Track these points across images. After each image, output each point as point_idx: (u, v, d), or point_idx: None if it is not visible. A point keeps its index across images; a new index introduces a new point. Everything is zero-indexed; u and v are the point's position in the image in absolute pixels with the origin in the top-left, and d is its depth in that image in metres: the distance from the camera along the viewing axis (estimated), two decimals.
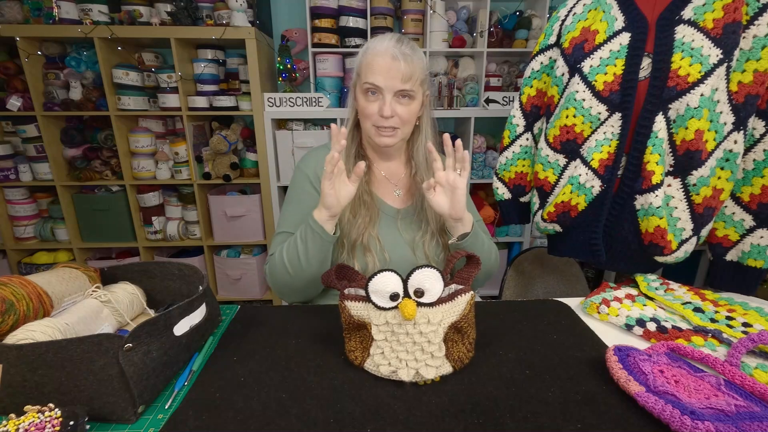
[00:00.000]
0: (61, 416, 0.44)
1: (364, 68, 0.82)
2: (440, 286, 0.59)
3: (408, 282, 0.58)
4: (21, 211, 2.02)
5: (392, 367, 0.57)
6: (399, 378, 0.57)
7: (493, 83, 2.09)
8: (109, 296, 0.64)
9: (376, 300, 0.59)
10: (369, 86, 0.81)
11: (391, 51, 0.78)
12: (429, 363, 0.57)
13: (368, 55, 0.81)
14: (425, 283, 0.58)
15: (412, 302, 0.57)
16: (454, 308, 0.59)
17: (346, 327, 0.62)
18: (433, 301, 0.59)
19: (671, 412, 0.47)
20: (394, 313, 0.58)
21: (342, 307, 0.61)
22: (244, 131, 2.09)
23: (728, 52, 0.74)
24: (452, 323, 0.58)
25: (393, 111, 0.81)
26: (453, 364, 0.59)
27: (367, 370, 0.60)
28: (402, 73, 0.79)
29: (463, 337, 0.61)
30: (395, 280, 0.58)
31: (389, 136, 0.85)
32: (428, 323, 0.57)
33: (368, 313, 0.59)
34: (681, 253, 0.86)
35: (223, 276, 2.16)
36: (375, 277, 0.58)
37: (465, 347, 0.60)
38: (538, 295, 1.34)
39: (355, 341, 0.62)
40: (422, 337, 0.57)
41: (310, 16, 1.89)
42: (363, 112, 0.84)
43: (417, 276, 0.58)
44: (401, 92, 0.81)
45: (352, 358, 0.61)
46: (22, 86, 1.86)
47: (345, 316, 0.61)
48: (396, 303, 0.58)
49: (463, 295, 0.59)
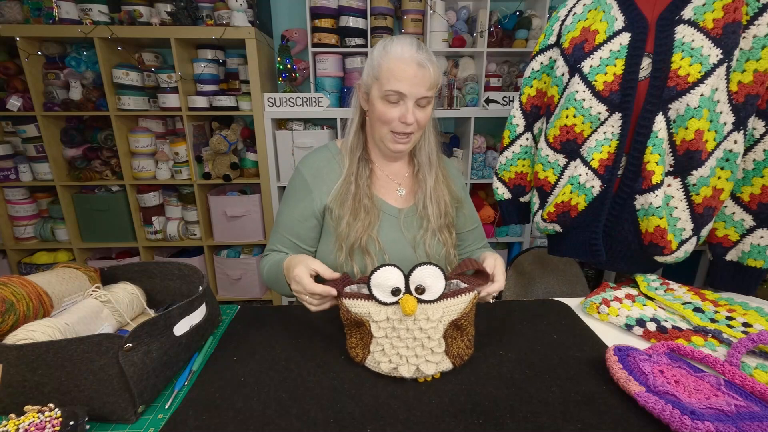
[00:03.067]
0: (61, 416, 0.44)
1: (385, 74, 0.79)
2: (441, 284, 0.59)
3: (410, 278, 0.58)
4: (21, 211, 2.02)
5: (393, 363, 0.57)
6: (400, 374, 0.57)
7: (493, 83, 2.09)
8: (109, 296, 0.64)
9: (378, 294, 0.59)
10: (392, 93, 0.79)
11: (417, 58, 0.77)
12: (429, 359, 0.57)
13: (390, 61, 0.78)
14: (427, 280, 0.58)
15: (413, 298, 0.57)
16: (456, 306, 0.59)
17: (345, 324, 0.63)
18: (434, 298, 0.59)
19: (671, 412, 0.47)
20: (395, 309, 0.58)
21: (340, 304, 0.62)
22: (244, 131, 2.09)
23: (728, 52, 0.74)
24: (452, 321, 0.58)
25: (414, 117, 0.80)
26: (453, 361, 0.59)
27: (368, 367, 0.60)
28: (429, 81, 0.79)
29: (462, 334, 0.61)
30: (397, 275, 0.59)
31: (404, 143, 0.84)
32: (428, 320, 0.57)
33: (368, 311, 0.59)
34: (681, 253, 0.86)
35: (223, 276, 2.16)
36: (378, 270, 0.59)
37: (464, 344, 0.61)
38: (538, 295, 1.34)
39: (356, 338, 0.62)
40: (422, 333, 0.58)
41: (310, 16, 1.89)
42: (382, 117, 0.82)
43: (419, 273, 0.58)
44: (423, 98, 0.80)
45: (353, 354, 0.62)
46: (22, 86, 1.86)
47: (343, 314, 0.61)
48: (397, 298, 0.58)
49: (467, 294, 0.59)
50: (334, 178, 0.87)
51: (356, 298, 0.61)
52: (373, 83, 0.83)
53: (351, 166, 0.87)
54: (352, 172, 0.86)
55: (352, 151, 0.88)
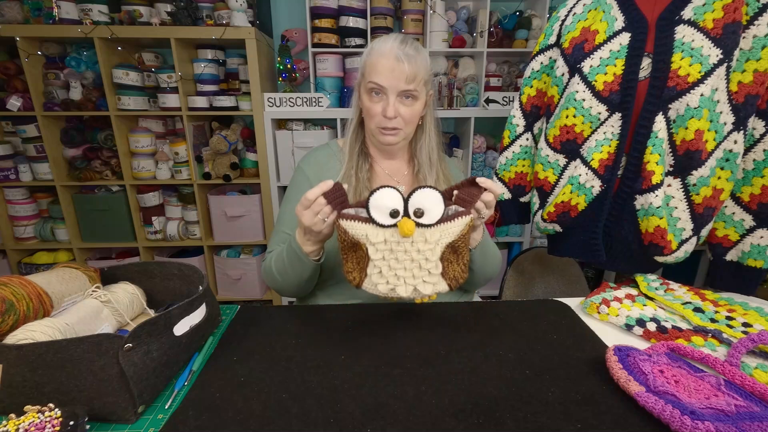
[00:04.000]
0: (61, 416, 0.44)
1: (368, 68, 0.82)
2: (440, 208, 0.58)
3: (409, 201, 0.58)
4: (21, 211, 2.02)
5: (390, 284, 0.57)
6: (397, 295, 0.57)
7: (493, 83, 2.09)
8: (109, 296, 0.64)
9: (376, 216, 0.58)
10: (373, 86, 0.81)
11: (395, 52, 0.79)
12: (426, 279, 0.57)
13: (372, 56, 0.82)
14: (425, 203, 0.57)
15: (411, 221, 0.57)
16: (452, 228, 0.58)
17: (341, 247, 0.62)
18: (432, 222, 0.58)
19: (671, 412, 0.47)
20: (393, 231, 0.57)
21: (337, 225, 0.61)
22: (244, 131, 2.09)
23: (728, 52, 0.74)
24: (449, 243, 0.58)
25: (396, 112, 0.82)
26: (449, 283, 0.59)
27: (366, 289, 0.60)
28: (406, 74, 0.79)
29: (458, 257, 0.60)
30: (396, 197, 0.58)
31: (392, 135, 0.85)
32: (425, 242, 0.57)
33: (365, 233, 0.58)
34: (681, 253, 0.86)
35: (223, 276, 2.16)
36: (377, 192, 0.58)
37: (460, 267, 0.60)
38: (538, 295, 1.33)
39: (352, 262, 0.62)
40: (419, 254, 0.57)
41: (310, 16, 1.89)
42: (367, 112, 0.85)
43: (418, 196, 0.57)
44: (405, 92, 0.81)
45: (350, 279, 0.61)
46: (22, 86, 1.86)
47: (340, 234, 0.61)
48: (395, 221, 0.58)
49: (463, 217, 0.59)
50: (335, 175, 0.88)
51: (354, 220, 0.60)
52: (361, 79, 0.86)
53: (351, 160, 0.88)
54: (352, 166, 0.87)
55: (351, 146, 0.90)
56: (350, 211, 0.62)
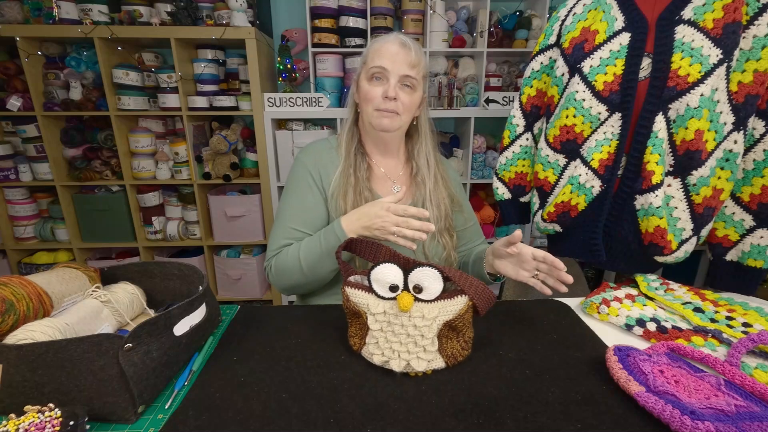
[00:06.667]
0: (61, 416, 0.44)
1: (372, 54, 0.85)
2: (439, 286, 0.59)
3: (408, 277, 0.59)
4: (21, 211, 2.02)
5: (385, 357, 0.58)
6: (390, 368, 0.58)
7: (493, 83, 2.09)
8: (109, 296, 0.64)
9: (377, 288, 0.60)
10: (376, 70, 0.84)
11: (400, 39, 0.85)
12: (421, 356, 0.58)
13: (376, 44, 0.86)
14: (425, 281, 0.59)
15: (410, 296, 0.58)
16: (450, 307, 0.59)
17: (347, 312, 0.64)
18: (431, 299, 0.59)
19: (671, 412, 0.47)
20: (392, 304, 0.59)
21: (343, 291, 0.63)
22: (244, 131, 2.08)
23: (728, 52, 0.74)
24: (447, 321, 0.59)
25: (396, 94, 0.84)
26: (446, 360, 0.60)
27: (364, 356, 0.62)
28: (410, 59, 0.83)
29: (458, 335, 0.61)
30: (396, 272, 0.60)
31: (389, 119, 0.85)
32: (423, 318, 0.58)
33: (366, 302, 0.61)
34: (681, 253, 0.86)
35: (223, 276, 2.16)
36: (378, 266, 0.60)
37: (460, 345, 0.61)
38: (538, 295, 1.33)
39: (355, 327, 0.64)
40: (416, 330, 0.58)
41: (310, 16, 1.89)
42: (366, 96, 0.86)
43: (418, 273, 0.59)
44: (406, 78, 0.84)
45: (351, 343, 0.63)
46: (22, 86, 1.86)
47: (344, 301, 0.63)
48: (395, 295, 0.60)
49: (461, 296, 0.60)
50: (333, 170, 0.88)
51: (358, 288, 0.62)
52: (361, 69, 0.88)
53: (348, 158, 0.88)
54: (350, 165, 0.87)
55: (347, 144, 0.90)
56: (356, 278, 0.64)
